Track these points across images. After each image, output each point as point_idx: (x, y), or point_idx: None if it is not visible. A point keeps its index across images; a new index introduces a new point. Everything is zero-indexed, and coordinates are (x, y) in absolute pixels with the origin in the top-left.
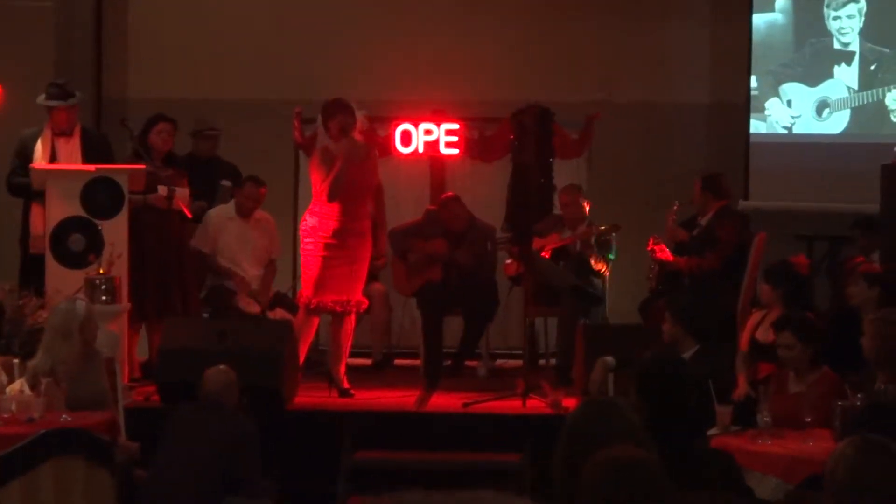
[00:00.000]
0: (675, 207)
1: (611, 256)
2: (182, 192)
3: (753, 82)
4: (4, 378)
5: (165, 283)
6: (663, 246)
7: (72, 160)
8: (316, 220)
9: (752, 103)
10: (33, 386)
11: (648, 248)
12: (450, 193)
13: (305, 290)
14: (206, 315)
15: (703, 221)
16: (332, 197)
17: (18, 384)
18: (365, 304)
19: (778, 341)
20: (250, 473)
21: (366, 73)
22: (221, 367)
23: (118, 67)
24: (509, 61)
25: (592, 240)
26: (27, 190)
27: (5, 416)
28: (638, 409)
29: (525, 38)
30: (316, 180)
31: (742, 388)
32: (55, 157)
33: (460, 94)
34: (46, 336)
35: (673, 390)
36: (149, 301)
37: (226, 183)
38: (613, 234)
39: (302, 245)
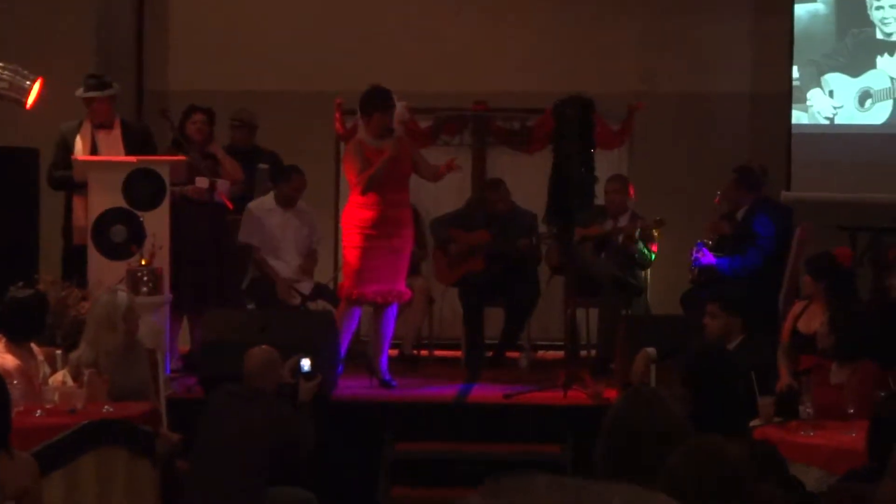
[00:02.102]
0: (718, 199)
1: (651, 256)
2: (223, 183)
3: (795, 73)
4: (47, 369)
5: (203, 275)
6: (705, 250)
7: (113, 152)
8: (356, 211)
9: (794, 94)
10: (76, 377)
11: (692, 257)
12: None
13: (347, 282)
14: (248, 307)
15: (739, 216)
16: (365, 191)
17: (61, 375)
18: (407, 294)
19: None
20: (292, 451)
21: (406, 64)
22: (264, 346)
23: (159, 59)
24: (551, 52)
25: (637, 232)
26: (69, 182)
27: (48, 406)
28: (681, 400)
29: (567, 29)
30: (351, 172)
31: (784, 380)
32: (96, 150)
33: (502, 84)
34: (89, 327)
35: (720, 381)
36: (187, 293)
37: (263, 166)
38: (657, 229)
39: (343, 236)
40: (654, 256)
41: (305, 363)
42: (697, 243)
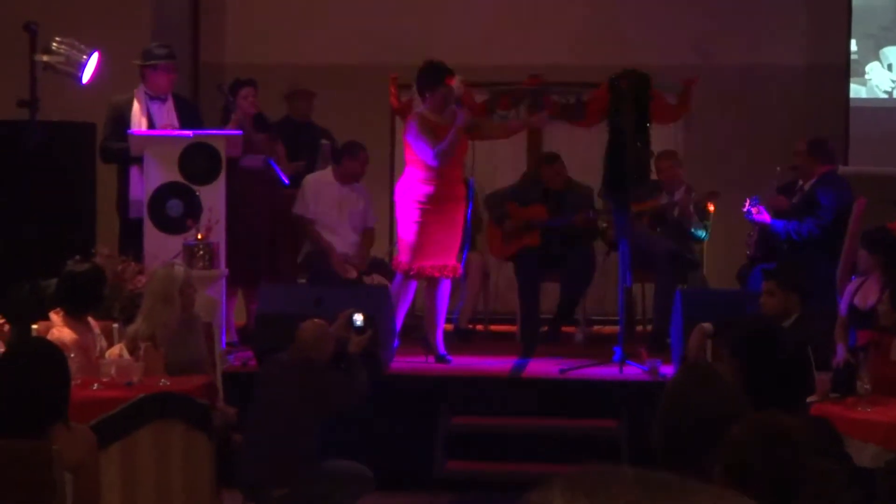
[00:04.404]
0: (778, 172)
1: (703, 236)
2: (278, 158)
3: (853, 46)
4: (104, 342)
5: (256, 249)
6: (762, 208)
7: (167, 125)
8: (412, 186)
9: (852, 67)
10: (132, 350)
11: (744, 210)
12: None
13: (402, 256)
14: (303, 280)
15: (806, 186)
16: (442, 164)
17: (118, 349)
18: (461, 269)
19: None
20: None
21: (461, 38)
22: (316, 320)
23: (215, 33)
24: (607, 25)
25: (691, 206)
26: (124, 155)
27: (105, 380)
28: (734, 374)
29: (622, 2)
30: (415, 146)
31: (841, 356)
32: (152, 122)
33: (558, 58)
34: (146, 301)
35: (769, 352)
36: (240, 267)
37: (325, 142)
38: (712, 202)
39: (398, 210)
40: (706, 235)
41: (358, 318)
42: (753, 197)
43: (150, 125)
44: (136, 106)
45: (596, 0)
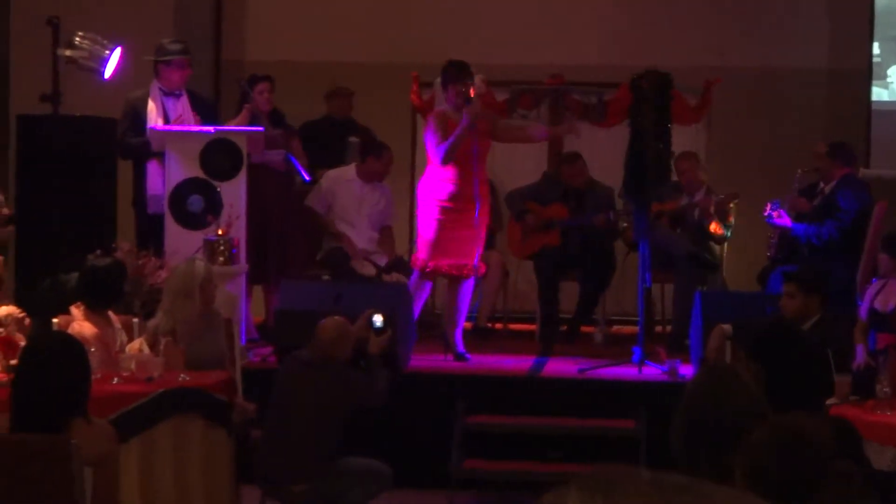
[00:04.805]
0: (799, 175)
1: (727, 234)
2: (296, 155)
3: (875, 49)
4: (124, 337)
5: (277, 245)
6: (783, 212)
7: (183, 120)
8: (433, 184)
9: (874, 70)
10: (152, 345)
11: (765, 214)
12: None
13: (421, 253)
14: (326, 277)
15: (827, 189)
16: (444, 161)
17: (138, 343)
18: (483, 268)
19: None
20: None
21: (483, 37)
22: (337, 317)
23: (237, 30)
24: (628, 25)
25: (712, 208)
26: (142, 149)
27: (125, 374)
28: (754, 376)
29: (644, 2)
30: (430, 144)
31: (861, 358)
32: (167, 118)
33: (579, 58)
34: (166, 296)
35: (787, 354)
36: (257, 263)
37: (354, 139)
38: (732, 203)
39: (419, 208)
40: (729, 233)
41: (378, 318)
42: (774, 201)
43: (166, 121)
44: (151, 102)
45: (618, 0)
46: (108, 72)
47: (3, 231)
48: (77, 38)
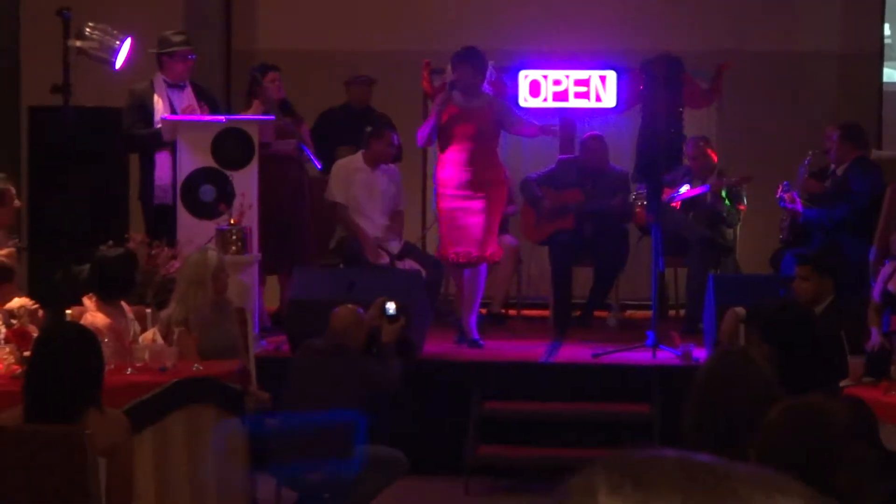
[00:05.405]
0: (809, 158)
1: (738, 215)
2: (306, 143)
3: (887, 31)
4: (137, 327)
5: (290, 234)
6: (794, 194)
7: (192, 110)
8: (446, 171)
9: (886, 52)
10: (166, 335)
11: (777, 196)
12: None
13: (440, 242)
14: (339, 265)
15: (839, 171)
16: (422, 144)
17: (151, 333)
18: (499, 254)
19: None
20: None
21: (492, 23)
22: (350, 305)
23: (247, 19)
24: (640, 10)
25: (723, 191)
26: (151, 140)
27: (138, 364)
28: (768, 359)
29: None
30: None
31: (875, 340)
32: (173, 109)
33: (590, 43)
34: (179, 286)
35: (800, 336)
36: (269, 252)
37: (370, 129)
38: (744, 185)
39: (435, 195)
40: (740, 215)
41: (390, 306)
42: (784, 183)
43: (174, 113)
44: (156, 93)
45: None
46: (119, 62)
47: (14, 223)
48: (87, 29)
